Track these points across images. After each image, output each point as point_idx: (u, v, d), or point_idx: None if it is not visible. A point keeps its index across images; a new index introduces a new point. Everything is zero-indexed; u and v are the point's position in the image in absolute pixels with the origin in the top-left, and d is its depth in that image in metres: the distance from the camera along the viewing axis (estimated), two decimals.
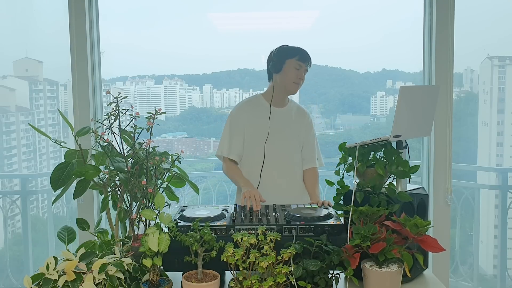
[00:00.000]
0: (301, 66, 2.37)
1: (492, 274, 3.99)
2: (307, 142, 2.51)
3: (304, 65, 2.38)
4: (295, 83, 2.39)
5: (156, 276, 1.49)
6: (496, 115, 4.74)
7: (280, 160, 2.42)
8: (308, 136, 2.51)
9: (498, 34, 4.30)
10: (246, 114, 2.44)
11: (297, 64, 2.36)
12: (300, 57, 2.37)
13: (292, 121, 2.47)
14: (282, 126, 2.44)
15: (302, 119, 2.51)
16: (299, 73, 2.37)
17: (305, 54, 2.39)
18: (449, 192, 2.95)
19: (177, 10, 7.73)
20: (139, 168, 1.71)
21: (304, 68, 2.38)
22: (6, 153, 4.94)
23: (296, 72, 2.37)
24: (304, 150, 2.50)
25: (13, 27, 4.32)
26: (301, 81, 2.40)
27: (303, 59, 2.38)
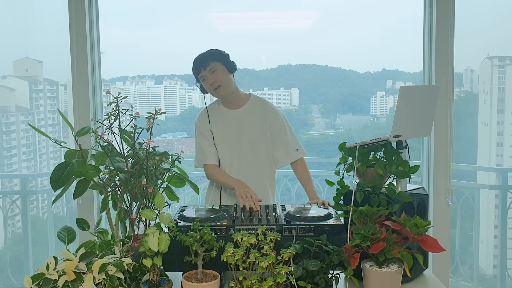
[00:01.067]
0: (203, 76, 2.30)
1: (492, 274, 3.99)
2: (276, 134, 2.39)
3: (203, 71, 2.29)
4: (214, 90, 2.31)
5: (156, 276, 1.49)
6: (496, 115, 4.74)
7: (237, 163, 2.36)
8: (275, 124, 2.39)
9: (498, 34, 4.30)
10: (206, 122, 2.39)
11: (200, 77, 2.31)
12: (195, 70, 2.31)
13: (250, 119, 2.38)
14: (236, 127, 2.37)
15: (261, 112, 2.40)
16: (208, 81, 2.29)
17: (197, 63, 2.31)
18: (449, 192, 2.95)
19: (177, 10, 7.74)
20: (139, 168, 1.71)
21: (206, 72, 2.28)
22: (6, 153, 4.94)
23: (205, 84, 2.31)
24: (277, 145, 2.40)
25: (13, 27, 4.31)
26: (216, 83, 2.29)
27: (197, 69, 2.30)
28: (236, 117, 2.39)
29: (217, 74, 2.28)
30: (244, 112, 2.40)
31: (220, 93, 2.33)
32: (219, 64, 2.29)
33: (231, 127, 2.38)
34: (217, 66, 2.29)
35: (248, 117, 2.39)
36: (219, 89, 2.30)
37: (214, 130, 2.37)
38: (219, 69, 2.29)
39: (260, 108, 2.42)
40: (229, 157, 2.37)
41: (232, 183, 2.24)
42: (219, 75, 2.29)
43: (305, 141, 6.17)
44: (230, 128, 2.38)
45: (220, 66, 2.29)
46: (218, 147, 2.37)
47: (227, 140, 2.37)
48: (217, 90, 2.31)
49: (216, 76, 2.28)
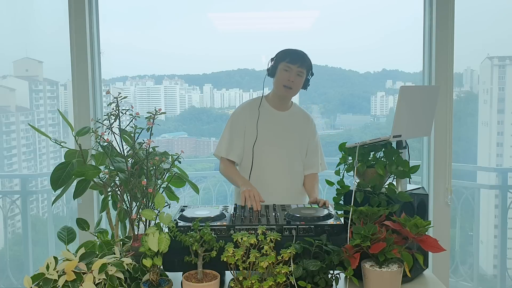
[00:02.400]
0: (290, 68, 2.28)
1: (492, 274, 3.99)
2: (310, 147, 2.46)
3: (294, 67, 2.28)
4: (285, 86, 2.31)
5: (156, 276, 1.49)
6: (496, 115, 4.74)
7: (273, 162, 2.36)
8: (312, 142, 2.47)
9: (498, 34, 4.30)
10: (247, 116, 2.39)
11: (286, 66, 2.29)
12: (290, 59, 2.29)
13: (293, 125, 2.42)
14: (280, 128, 2.39)
15: (305, 124, 2.46)
16: (288, 75, 2.28)
17: (296, 56, 2.31)
18: (449, 192, 2.95)
19: (177, 10, 7.74)
20: (139, 168, 1.71)
21: (295, 70, 2.28)
22: (6, 153, 4.94)
23: (285, 74, 2.29)
24: (309, 154, 2.46)
25: (13, 27, 4.32)
26: (293, 84, 2.30)
27: (293, 60, 2.29)
28: (281, 118, 2.41)
29: (299, 79, 2.32)
30: (288, 116, 2.43)
31: (286, 94, 2.35)
32: (305, 74, 2.34)
33: (273, 126, 2.39)
34: (303, 74, 2.33)
35: (291, 121, 2.43)
36: (289, 91, 2.33)
37: (260, 127, 2.37)
38: (303, 78, 2.33)
39: (302, 117, 2.47)
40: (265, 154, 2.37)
41: (239, 181, 2.25)
42: (299, 81, 2.32)
43: None
44: (272, 126, 2.39)
45: (304, 77, 2.34)
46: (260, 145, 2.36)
47: (267, 137, 2.37)
48: (286, 89, 2.32)
49: (297, 80, 2.31)
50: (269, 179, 2.34)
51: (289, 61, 2.29)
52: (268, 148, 2.37)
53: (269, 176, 2.35)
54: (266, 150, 2.37)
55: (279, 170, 2.37)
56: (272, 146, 2.37)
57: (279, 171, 2.37)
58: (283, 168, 2.38)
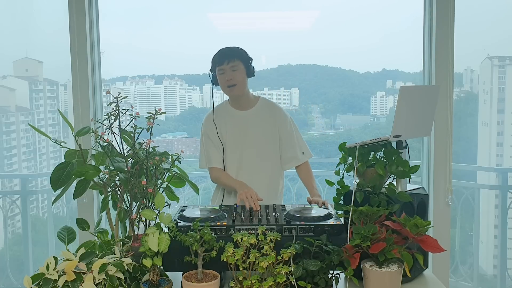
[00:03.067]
0: (222, 69, 2.27)
1: (492, 274, 3.99)
2: (286, 139, 2.40)
3: (225, 66, 2.26)
4: (228, 87, 2.29)
5: (156, 276, 1.49)
6: (496, 115, 4.74)
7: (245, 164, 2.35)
8: (284, 133, 2.40)
9: (498, 34, 4.30)
10: (213, 123, 2.37)
11: (219, 69, 2.28)
12: (218, 61, 2.28)
13: (260, 121, 2.37)
14: (247, 128, 2.36)
15: (273, 117, 2.40)
16: (225, 76, 2.27)
17: (222, 55, 2.28)
18: (449, 192, 2.94)
19: (177, 10, 7.73)
20: (139, 168, 1.71)
21: (227, 67, 2.26)
22: (6, 153, 4.94)
23: (221, 77, 2.28)
24: (285, 147, 2.40)
25: (13, 27, 4.32)
26: (233, 81, 2.27)
27: (221, 61, 2.27)
28: (245, 118, 2.38)
29: (236, 73, 2.28)
30: (253, 114, 2.39)
31: (233, 92, 2.32)
32: (241, 64, 2.29)
33: (239, 128, 2.37)
34: (239, 66, 2.28)
35: (256, 119, 2.38)
36: (233, 88, 2.29)
37: (221, 130, 2.36)
38: (240, 69, 2.28)
39: (269, 111, 2.41)
40: (236, 158, 2.35)
41: (234, 184, 2.24)
42: (237, 75, 2.28)
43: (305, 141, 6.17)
44: (238, 129, 2.36)
45: (242, 67, 2.29)
46: (225, 148, 2.36)
47: (235, 141, 2.36)
48: (230, 88, 2.30)
49: (235, 75, 2.28)
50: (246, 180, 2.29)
51: (218, 63, 2.29)
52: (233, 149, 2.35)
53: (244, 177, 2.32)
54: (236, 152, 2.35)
55: (253, 170, 2.35)
56: (237, 147, 2.35)
57: (253, 171, 2.35)
58: (257, 168, 2.35)
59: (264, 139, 2.37)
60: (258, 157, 2.36)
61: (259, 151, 2.36)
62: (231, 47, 2.32)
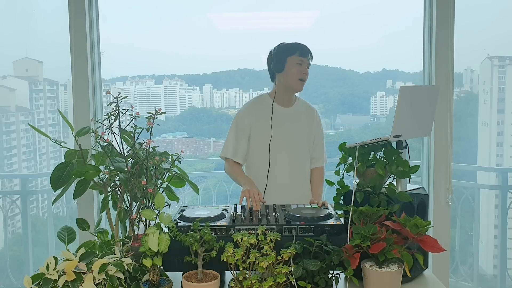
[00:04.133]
0: (303, 62, 2.32)
1: (492, 274, 3.99)
2: (317, 141, 2.47)
3: (305, 59, 2.33)
4: (300, 80, 2.33)
5: (156, 276, 1.49)
6: (496, 115, 4.74)
7: (287, 161, 2.37)
8: (317, 134, 2.47)
9: (498, 34, 4.30)
10: (252, 116, 2.39)
11: (299, 60, 2.31)
12: (301, 52, 2.32)
13: (300, 120, 2.42)
14: (289, 125, 2.39)
15: (311, 117, 2.46)
16: (302, 69, 2.32)
17: (305, 49, 2.34)
18: (449, 192, 2.94)
19: (177, 10, 7.73)
20: (139, 168, 1.71)
21: (307, 62, 2.34)
22: (6, 153, 4.94)
23: (299, 68, 2.32)
24: (314, 149, 2.47)
25: (13, 27, 4.31)
26: (306, 76, 2.34)
27: (304, 53, 2.32)
28: (291, 114, 2.41)
29: (308, 71, 2.36)
30: (296, 111, 2.43)
31: (300, 87, 2.36)
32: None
33: (287, 124, 2.39)
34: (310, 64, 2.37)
35: (300, 115, 2.43)
36: (302, 84, 2.35)
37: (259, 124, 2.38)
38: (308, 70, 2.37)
39: (309, 110, 2.48)
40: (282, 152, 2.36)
41: (242, 180, 2.26)
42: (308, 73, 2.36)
43: None
44: (286, 125, 2.39)
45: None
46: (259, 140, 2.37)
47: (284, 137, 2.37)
48: (301, 82, 2.34)
49: (308, 72, 2.35)
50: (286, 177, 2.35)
51: (301, 54, 2.32)
52: (282, 146, 2.37)
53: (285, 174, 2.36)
54: (280, 148, 2.37)
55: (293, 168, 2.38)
56: (286, 144, 2.38)
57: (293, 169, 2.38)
58: (296, 166, 2.39)
59: (301, 137, 2.42)
60: (298, 154, 2.40)
61: (299, 149, 2.40)
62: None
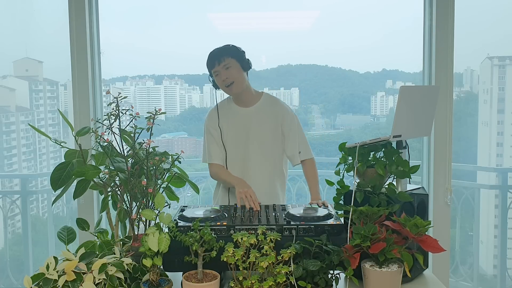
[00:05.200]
0: (217, 71, 2.29)
1: (492, 274, 3.99)
2: (291, 135, 2.38)
3: (217, 67, 2.28)
4: (226, 87, 2.30)
5: (156, 276, 1.49)
6: (496, 115, 4.74)
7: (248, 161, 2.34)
8: (289, 128, 2.38)
9: (498, 34, 4.30)
10: (215, 120, 2.38)
11: (214, 72, 2.30)
12: (209, 64, 2.31)
13: (261, 119, 2.37)
14: (250, 124, 2.35)
15: (274, 114, 2.38)
16: (221, 77, 2.29)
17: (212, 57, 2.30)
18: (449, 192, 2.95)
19: (177, 10, 7.73)
20: (139, 168, 1.71)
21: (220, 68, 2.27)
22: (6, 153, 4.94)
23: (218, 79, 2.31)
24: (293, 143, 2.39)
25: (13, 27, 4.32)
26: (228, 80, 2.28)
27: (212, 64, 2.29)
28: (247, 115, 2.37)
29: (230, 70, 2.28)
30: (255, 110, 2.38)
31: (232, 91, 2.31)
32: (234, 61, 2.29)
33: (241, 125, 2.36)
34: (232, 63, 2.28)
35: (259, 115, 2.37)
36: (232, 86, 2.29)
37: (224, 127, 2.36)
38: (234, 66, 2.28)
39: (272, 107, 2.40)
40: (237, 155, 2.35)
41: (233, 181, 2.23)
42: (232, 72, 2.28)
43: None
44: (240, 126, 2.36)
45: (235, 63, 2.29)
46: (226, 145, 2.36)
47: (236, 138, 2.36)
48: (229, 87, 2.30)
49: (230, 73, 2.28)
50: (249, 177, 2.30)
51: (210, 66, 2.31)
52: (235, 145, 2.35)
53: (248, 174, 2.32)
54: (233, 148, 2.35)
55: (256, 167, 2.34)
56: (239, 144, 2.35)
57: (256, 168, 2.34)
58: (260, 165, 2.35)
59: (265, 136, 2.36)
60: (261, 154, 2.36)
61: (260, 148, 2.36)
62: (219, 47, 2.33)
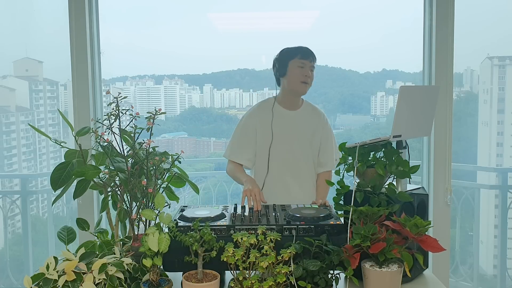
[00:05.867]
0: (304, 64, 2.31)
1: (492, 274, 3.99)
2: (324, 144, 2.45)
3: (307, 62, 2.32)
4: (303, 82, 2.33)
5: (156, 276, 1.49)
6: (496, 115, 4.74)
7: (289, 164, 2.36)
8: (325, 138, 2.45)
9: (498, 34, 4.30)
10: (256, 119, 2.39)
11: (300, 63, 2.31)
12: (302, 55, 2.32)
13: (305, 123, 2.41)
14: (292, 128, 2.39)
15: (316, 120, 2.45)
16: (304, 71, 2.32)
17: (307, 51, 2.34)
18: (449, 192, 2.95)
19: (177, 10, 7.73)
20: (139, 168, 1.71)
21: (309, 65, 2.33)
22: (6, 153, 4.94)
23: (301, 71, 2.32)
24: (322, 153, 2.44)
25: (13, 27, 4.32)
26: (309, 79, 2.34)
27: (305, 56, 2.32)
28: (292, 118, 2.41)
29: (312, 74, 2.36)
30: (302, 114, 2.43)
31: (304, 90, 2.37)
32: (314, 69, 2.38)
33: (286, 127, 2.39)
34: (314, 69, 2.37)
35: (305, 119, 2.42)
36: (306, 86, 2.35)
37: (275, 128, 2.37)
38: (313, 72, 2.37)
39: (314, 114, 2.47)
40: (283, 155, 2.36)
41: (243, 178, 2.25)
42: (312, 76, 2.36)
43: None
44: (286, 128, 2.39)
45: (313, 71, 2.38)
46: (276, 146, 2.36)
47: (287, 140, 2.37)
48: (305, 85, 2.34)
49: (312, 75, 2.35)
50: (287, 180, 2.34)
51: (302, 57, 2.33)
52: (283, 149, 2.37)
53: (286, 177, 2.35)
54: (281, 151, 2.36)
55: (295, 171, 2.38)
56: (287, 147, 2.37)
57: (295, 171, 2.37)
58: (296, 169, 2.38)
59: (307, 140, 2.40)
60: (302, 157, 2.39)
61: (303, 152, 2.39)
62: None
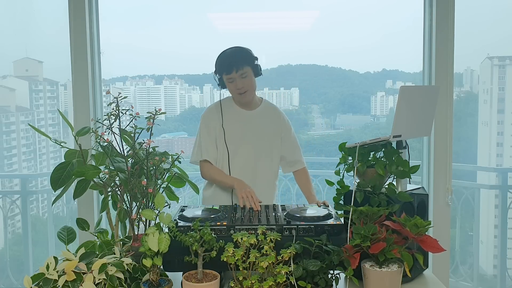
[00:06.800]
0: (232, 78, 2.22)
1: (492, 274, 3.99)
2: (287, 142, 2.41)
3: (233, 74, 2.21)
4: (239, 94, 2.27)
5: (156, 276, 1.49)
6: (496, 115, 4.74)
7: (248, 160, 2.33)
8: (287, 137, 2.41)
9: (498, 34, 4.30)
10: (218, 120, 2.34)
11: (228, 79, 2.24)
12: (226, 71, 2.23)
13: (263, 123, 2.37)
14: (251, 127, 2.35)
15: (276, 120, 2.40)
16: (235, 85, 2.24)
17: (229, 64, 2.22)
18: (449, 192, 2.94)
19: (177, 10, 7.73)
20: (139, 168, 1.71)
21: (237, 76, 2.21)
22: (6, 153, 4.94)
23: (232, 86, 2.25)
24: (288, 152, 2.42)
25: (13, 27, 4.32)
26: (243, 88, 2.25)
27: (229, 70, 2.21)
28: (252, 117, 2.37)
29: (247, 80, 2.24)
30: (259, 114, 2.39)
31: (245, 99, 2.30)
32: (250, 69, 2.25)
33: (246, 127, 2.35)
34: (248, 72, 2.24)
35: (262, 118, 2.38)
36: (245, 94, 2.27)
37: (227, 127, 2.33)
38: (249, 75, 2.25)
39: (273, 113, 2.42)
40: (241, 156, 2.33)
41: (231, 181, 2.21)
42: (248, 82, 2.25)
43: (305, 141, 6.16)
44: (246, 128, 2.35)
45: (250, 72, 2.26)
46: (229, 146, 2.32)
47: (241, 139, 2.34)
48: (242, 95, 2.27)
49: (245, 82, 2.24)
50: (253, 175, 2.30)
51: (227, 72, 2.23)
52: (236, 146, 2.33)
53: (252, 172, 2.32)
54: (234, 148, 2.33)
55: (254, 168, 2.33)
56: (240, 145, 2.33)
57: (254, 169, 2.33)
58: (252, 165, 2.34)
59: (269, 139, 2.37)
60: (263, 155, 2.36)
61: (264, 150, 2.36)
62: (236, 51, 2.26)
